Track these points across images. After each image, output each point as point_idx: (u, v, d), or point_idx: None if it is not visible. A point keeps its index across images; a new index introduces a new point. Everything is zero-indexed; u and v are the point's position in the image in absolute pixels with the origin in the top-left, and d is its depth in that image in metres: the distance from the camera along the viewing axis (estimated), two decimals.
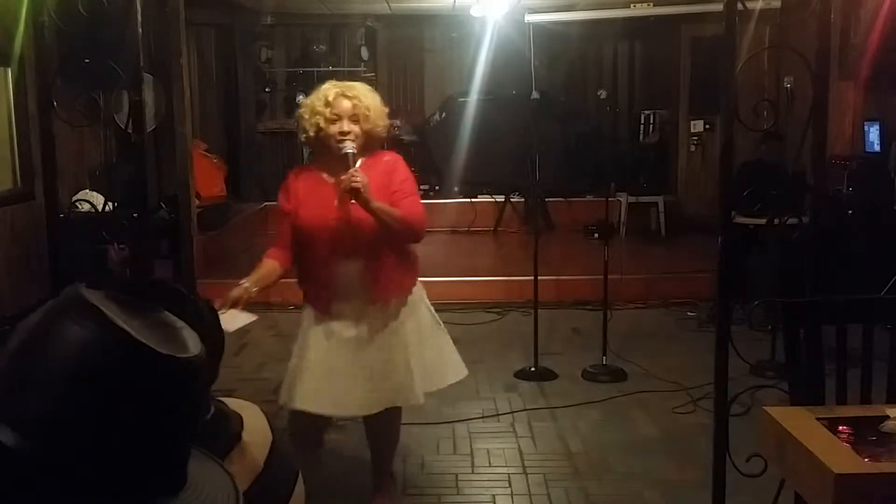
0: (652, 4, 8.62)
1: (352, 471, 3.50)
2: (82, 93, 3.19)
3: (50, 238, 3.09)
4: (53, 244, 3.09)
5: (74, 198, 5.25)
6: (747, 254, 5.49)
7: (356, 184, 2.96)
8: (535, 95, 8.92)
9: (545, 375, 5.14)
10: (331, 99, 3.10)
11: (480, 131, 9.42)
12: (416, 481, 3.81)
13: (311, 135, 3.13)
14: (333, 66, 10.41)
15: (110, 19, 2.93)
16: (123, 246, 5.19)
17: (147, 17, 3.03)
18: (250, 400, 1.34)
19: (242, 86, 10.18)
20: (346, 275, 3.13)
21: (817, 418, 2.17)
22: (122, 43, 2.96)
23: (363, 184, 2.97)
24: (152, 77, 4.93)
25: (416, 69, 10.92)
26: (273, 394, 3.19)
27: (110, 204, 3.39)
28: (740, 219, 5.10)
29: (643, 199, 9.06)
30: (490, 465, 3.96)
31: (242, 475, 1.14)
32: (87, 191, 5.88)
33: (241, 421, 1.20)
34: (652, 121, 9.94)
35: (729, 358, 2.78)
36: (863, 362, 2.45)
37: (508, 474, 3.85)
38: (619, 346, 5.42)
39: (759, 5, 3.16)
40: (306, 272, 3.22)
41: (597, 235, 8.26)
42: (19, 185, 5.80)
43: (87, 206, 4.25)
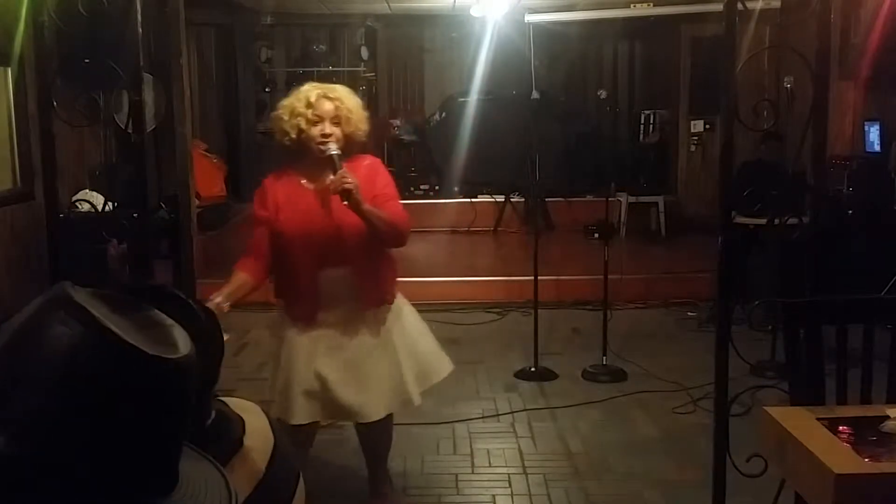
0: (652, 4, 8.62)
1: (351, 471, 3.50)
2: (82, 93, 3.19)
3: (50, 238, 3.09)
4: (53, 244, 3.09)
5: (74, 198, 5.25)
6: (747, 254, 5.48)
7: (348, 185, 2.87)
8: (535, 95, 8.92)
9: (545, 375, 5.13)
10: (312, 100, 2.99)
11: (480, 131, 9.42)
12: (416, 481, 3.80)
13: (294, 136, 3.01)
14: (333, 66, 10.41)
15: (110, 19, 2.92)
16: (122, 243, 5.19)
17: (147, 16, 3.02)
18: (250, 400, 1.33)
19: (242, 86, 10.19)
20: (332, 282, 3.03)
21: (817, 418, 2.17)
22: (122, 43, 2.96)
23: (355, 185, 2.88)
24: (152, 77, 4.92)
25: (416, 69, 10.93)
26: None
27: (110, 204, 3.38)
28: (740, 219, 5.10)
29: (643, 199, 9.06)
30: (490, 466, 3.96)
31: (244, 481, 1.13)
32: (87, 191, 5.88)
33: (242, 424, 1.18)
34: (652, 121, 9.94)
35: (729, 358, 2.78)
36: (863, 362, 2.45)
37: (508, 474, 3.85)
38: (619, 347, 5.41)
39: (759, 5, 3.15)
40: (287, 282, 3.09)
41: (597, 235, 8.25)
42: (19, 184, 5.79)
43: (87, 206, 4.25)
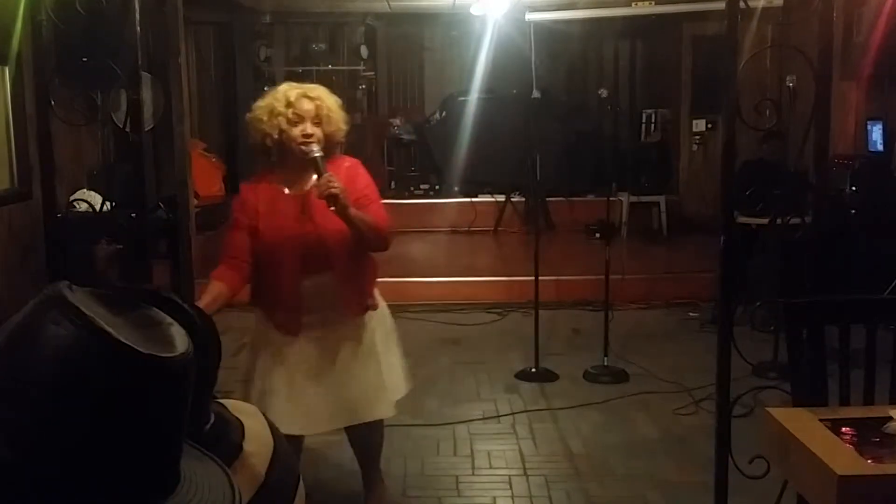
0: (653, 3, 8.61)
1: (349, 472, 3.48)
2: (80, 92, 3.18)
3: (47, 238, 3.08)
4: (51, 244, 3.08)
5: (72, 197, 5.24)
6: (749, 254, 5.47)
7: (334, 190, 2.77)
8: (536, 94, 8.91)
9: (546, 376, 5.12)
10: (292, 99, 2.91)
11: (481, 130, 9.41)
12: (416, 483, 3.79)
13: (275, 137, 2.91)
14: (333, 65, 10.40)
15: (108, 18, 2.92)
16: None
17: (145, 15, 3.02)
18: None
19: (241, 85, 10.17)
20: (315, 289, 2.95)
21: (820, 419, 2.16)
22: (120, 42, 2.95)
23: (341, 189, 2.78)
24: (151, 76, 4.91)
25: (416, 68, 10.92)
26: None
27: (108, 203, 3.38)
28: (742, 218, 5.10)
29: (644, 198, 9.04)
30: (491, 467, 3.94)
31: (244, 486, 1.11)
32: (85, 190, 5.87)
33: (241, 428, 1.16)
34: (653, 120, 9.91)
35: (731, 359, 2.77)
36: (866, 363, 2.44)
37: (509, 476, 3.84)
38: (620, 347, 5.40)
39: (761, 4, 3.15)
40: (268, 290, 3.00)
41: (598, 235, 8.23)
42: (17, 184, 5.77)
43: (84, 206, 4.25)
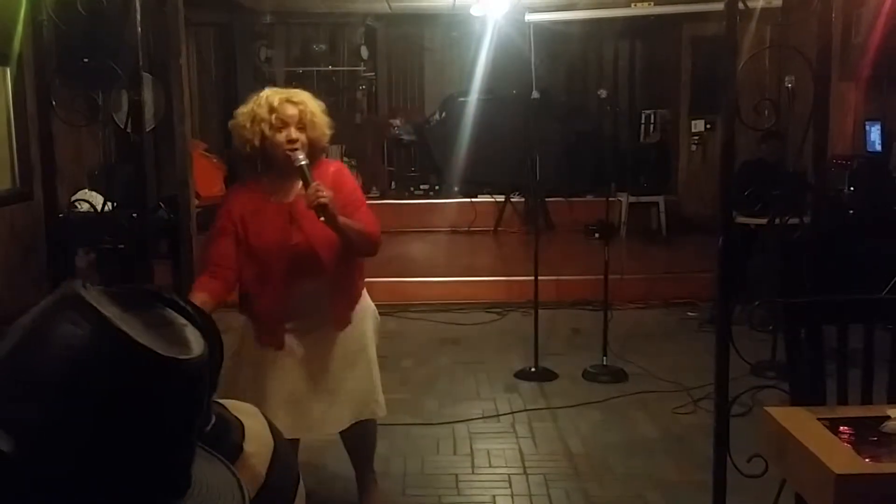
0: (653, 4, 8.61)
1: (347, 472, 3.48)
2: (81, 92, 3.19)
3: (49, 238, 3.09)
4: (52, 244, 3.09)
5: (73, 198, 5.25)
6: (748, 254, 5.48)
7: (323, 200, 2.71)
8: (536, 95, 8.91)
9: (545, 376, 5.13)
10: (275, 105, 2.85)
11: (480, 131, 9.42)
12: (416, 482, 3.80)
13: (257, 144, 2.85)
14: (333, 66, 10.41)
15: (109, 19, 2.92)
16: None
17: (146, 16, 3.02)
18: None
19: (242, 85, 10.15)
20: (304, 296, 2.92)
21: (818, 419, 2.17)
22: (121, 42, 2.96)
23: (329, 199, 2.73)
24: (151, 77, 4.93)
25: (416, 68, 10.92)
26: None
27: (109, 204, 3.39)
28: (741, 219, 5.11)
29: (644, 198, 9.04)
30: (490, 466, 3.95)
31: (246, 487, 1.11)
32: (87, 191, 5.88)
33: (241, 428, 1.16)
34: (652, 120, 9.92)
35: (729, 358, 2.78)
36: (864, 362, 2.45)
37: (509, 475, 3.84)
38: (619, 347, 5.41)
39: (760, 4, 3.15)
40: (256, 299, 2.95)
41: (597, 235, 8.23)
42: (18, 184, 5.79)
43: (86, 206, 4.25)
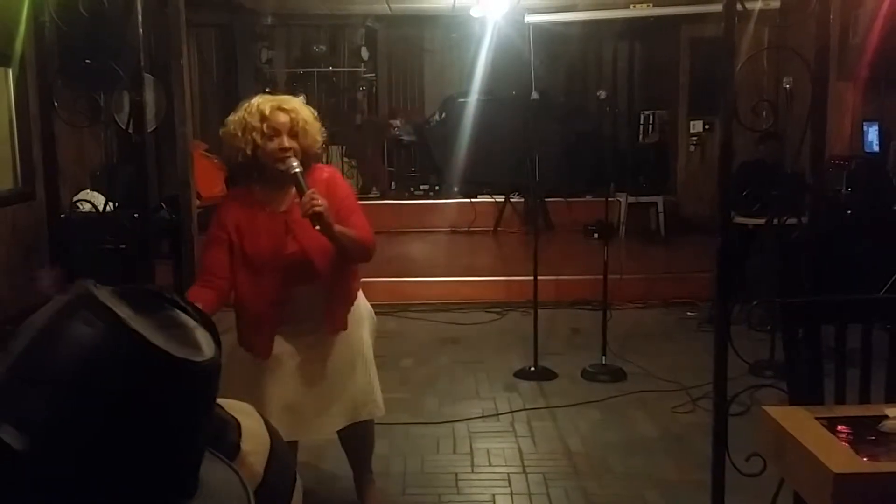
0: (651, 5, 8.64)
1: (346, 472, 3.49)
2: (83, 93, 3.20)
3: (51, 238, 3.10)
4: (54, 244, 3.10)
5: (75, 198, 5.27)
6: (746, 254, 5.49)
7: (318, 209, 2.68)
8: (535, 96, 8.92)
9: (545, 375, 5.14)
10: (267, 113, 2.81)
11: (480, 132, 9.43)
12: (415, 481, 3.81)
13: (249, 153, 2.82)
14: (333, 67, 10.42)
15: (111, 20, 2.93)
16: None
17: (147, 17, 3.03)
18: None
19: (243, 86, 10.17)
20: (298, 302, 2.92)
21: (816, 418, 2.17)
22: (122, 43, 2.97)
23: (325, 208, 2.70)
24: (153, 78, 4.94)
25: (416, 69, 10.93)
26: None
27: (111, 204, 3.40)
28: (739, 219, 5.11)
29: (643, 199, 9.06)
30: (490, 465, 3.96)
31: None
32: (88, 191, 5.89)
33: (238, 427, 1.15)
34: (651, 121, 9.94)
35: (728, 357, 2.79)
36: (862, 362, 2.45)
37: (508, 474, 3.85)
38: (618, 346, 5.42)
39: (758, 6, 3.16)
40: (251, 306, 2.91)
41: (596, 235, 8.27)
42: (20, 184, 5.80)
43: (87, 207, 4.27)
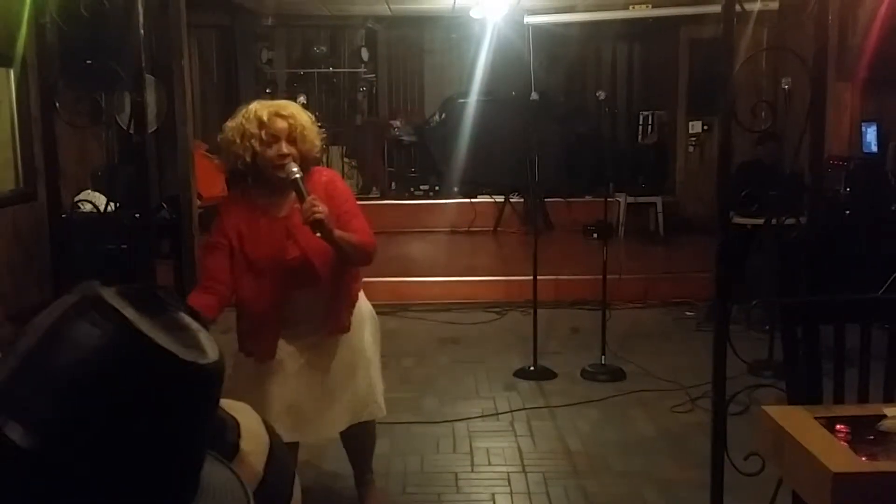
0: (651, 6, 8.65)
1: (345, 472, 3.50)
2: (84, 94, 3.21)
3: (52, 238, 3.10)
4: (55, 244, 3.10)
5: (76, 198, 5.27)
6: (745, 254, 5.50)
7: (319, 215, 2.67)
8: (535, 96, 8.95)
9: (544, 375, 5.15)
10: (265, 119, 2.79)
11: (480, 132, 9.45)
12: (415, 480, 3.81)
13: (248, 160, 2.80)
14: (334, 67, 10.43)
15: (112, 21, 2.94)
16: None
17: (149, 18, 3.04)
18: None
19: (243, 87, 10.19)
20: (299, 305, 2.92)
21: (815, 417, 2.18)
22: (123, 44, 2.97)
23: (325, 214, 2.68)
24: (154, 78, 4.95)
25: (416, 70, 10.95)
26: None
27: (112, 204, 3.40)
28: (738, 219, 5.12)
29: (642, 199, 9.08)
30: (489, 464, 3.97)
31: None
32: (89, 191, 5.90)
33: (237, 427, 1.15)
34: (650, 122, 9.96)
35: (727, 357, 2.79)
36: (860, 362, 2.46)
37: (508, 473, 3.86)
38: (617, 346, 5.43)
39: (757, 7, 3.18)
40: (252, 311, 2.91)
41: (596, 235, 8.29)
42: (21, 185, 5.82)
43: (89, 207, 4.27)
